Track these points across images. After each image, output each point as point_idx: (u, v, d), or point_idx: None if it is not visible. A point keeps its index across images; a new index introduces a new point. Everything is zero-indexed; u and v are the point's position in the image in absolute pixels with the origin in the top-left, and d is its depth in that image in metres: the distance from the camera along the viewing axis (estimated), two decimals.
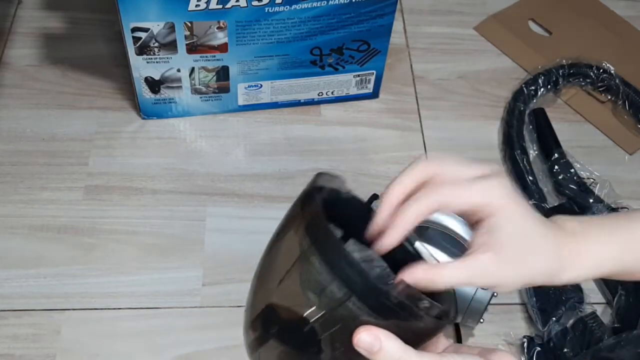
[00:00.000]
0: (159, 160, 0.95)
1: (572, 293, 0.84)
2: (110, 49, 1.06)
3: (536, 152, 1.00)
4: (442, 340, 0.47)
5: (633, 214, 0.52)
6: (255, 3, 0.86)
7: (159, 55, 0.90)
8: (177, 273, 0.85)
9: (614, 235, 0.50)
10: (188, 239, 0.88)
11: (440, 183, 0.45)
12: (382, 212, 0.45)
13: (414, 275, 0.43)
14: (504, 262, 0.44)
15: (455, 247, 0.74)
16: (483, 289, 0.72)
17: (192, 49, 0.90)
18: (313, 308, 0.42)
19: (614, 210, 0.93)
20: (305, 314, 0.42)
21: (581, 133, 1.04)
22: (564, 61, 1.07)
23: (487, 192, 0.45)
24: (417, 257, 0.50)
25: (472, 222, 0.46)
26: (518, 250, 0.45)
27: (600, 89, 1.07)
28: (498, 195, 0.45)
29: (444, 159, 0.46)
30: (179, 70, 0.93)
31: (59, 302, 0.82)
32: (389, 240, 0.45)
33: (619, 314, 0.83)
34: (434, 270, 0.43)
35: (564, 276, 0.47)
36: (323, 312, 0.41)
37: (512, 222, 0.45)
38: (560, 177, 0.95)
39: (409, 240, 0.49)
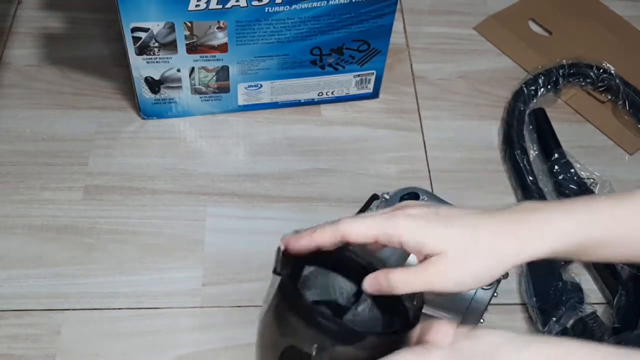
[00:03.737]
0: (158, 160, 0.95)
1: (572, 293, 0.83)
2: (110, 49, 1.06)
3: (536, 152, 1.00)
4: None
5: (591, 197, 0.54)
6: (255, 3, 0.86)
7: (158, 55, 0.90)
8: (177, 273, 0.85)
9: (572, 212, 0.49)
10: (188, 239, 0.88)
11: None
12: (315, 237, 0.48)
13: (368, 282, 0.46)
14: (458, 262, 0.45)
15: None
16: (484, 288, 0.72)
17: (192, 49, 0.90)
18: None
19: None
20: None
21: (581, 133, 1.04)
22: (564, 61, 1.07)
23: (389, 222, 0.47)
24: None
25: (419, 258, 0.48)
26: (465, 249, 0.46)
27: (600, 89, 1.07)
28: (403, 222, 0.47)
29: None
30: (178, 70, 0.93)
31: (59, 302, 0.82)
32: (294, 243, 0.49)
33: (619, 314, 0.83)
34: (386, 276, 0.46)
35: (524, 255, 0.47)
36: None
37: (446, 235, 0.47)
38: (560, 177, 0.95)
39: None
